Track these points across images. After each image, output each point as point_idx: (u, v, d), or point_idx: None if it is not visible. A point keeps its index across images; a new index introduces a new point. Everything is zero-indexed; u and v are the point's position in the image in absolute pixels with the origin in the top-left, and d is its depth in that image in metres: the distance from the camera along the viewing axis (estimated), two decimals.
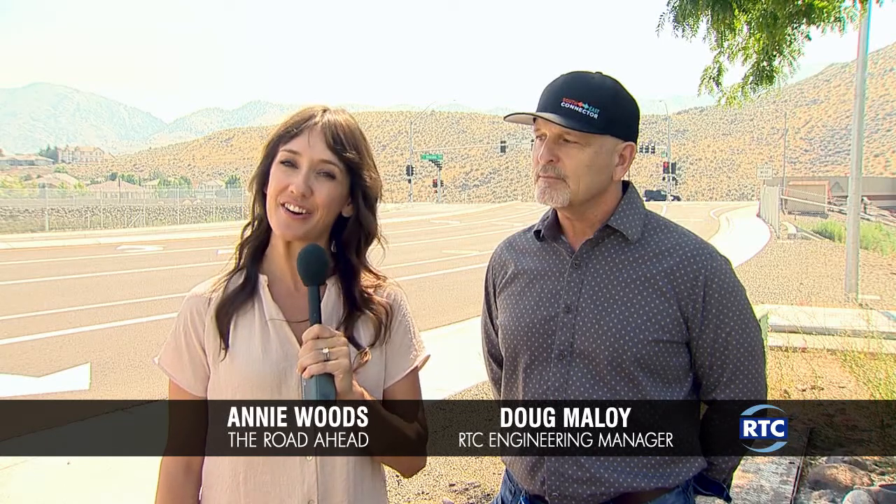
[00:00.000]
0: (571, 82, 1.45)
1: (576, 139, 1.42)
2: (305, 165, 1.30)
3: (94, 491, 3.84)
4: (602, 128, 1.42)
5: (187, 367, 1.36)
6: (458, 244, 21.29)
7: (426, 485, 3.93)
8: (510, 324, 1.55)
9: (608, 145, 1.45)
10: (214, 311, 1.34)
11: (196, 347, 1.35)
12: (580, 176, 1.43)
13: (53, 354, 7.29)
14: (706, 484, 1.53)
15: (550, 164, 1.44)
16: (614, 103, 1.44)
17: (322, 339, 1.21)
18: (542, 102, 1.46)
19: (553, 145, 1.44)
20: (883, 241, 20.85)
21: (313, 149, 1.31)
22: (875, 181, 55.81)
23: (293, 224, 1.30)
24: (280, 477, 1.30)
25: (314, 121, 1.32)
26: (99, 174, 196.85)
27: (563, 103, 1.42)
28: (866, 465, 4.01)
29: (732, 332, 1.45)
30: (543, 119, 1.43)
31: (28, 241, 22.65)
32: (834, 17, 5.12)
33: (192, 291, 1.40)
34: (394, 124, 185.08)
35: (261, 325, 1.33)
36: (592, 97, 1.42)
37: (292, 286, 1.37)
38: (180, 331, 1.37)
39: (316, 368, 1.19)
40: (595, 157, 1.44)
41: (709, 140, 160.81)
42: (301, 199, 1.29)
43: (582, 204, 1.47)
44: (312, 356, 1.19)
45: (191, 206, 44.23)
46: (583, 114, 1.41)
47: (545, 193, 1.46)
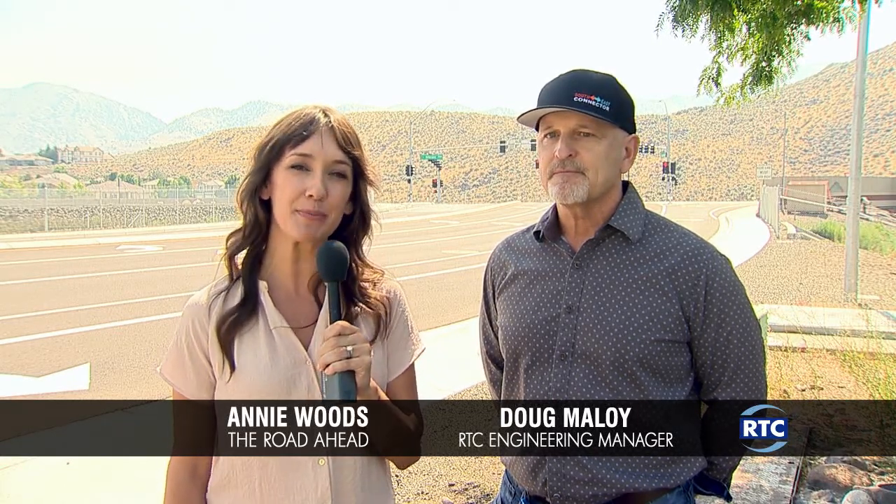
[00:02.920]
0: (579, 78, 1.47)
1: (592, 132, 1.44)
2: (320, 167, 1.29)
3: (94, 491, 3.84)
4: (614, 119, 1.44)
5: (191, 376, 1.34)
6: (457, 244, 21.27)
7: (426, 485, 3.93)
8: (511, 325, 1.55)
9: (619, 137, 1.48)
10: (216, 327, 1.32)
11: (200, 358, 1.34)
12: (598, 168, 1.45)
13: (53, 354, 7.28)
14: (706, 483, 1.53)
15: (569, 158, 1.44)
16: (619, 97, 1.47)
17: (344, 337, 1.20)
18: (552, 100, 1.46)
19: (570, 140, 1.45)
20: (882, 241, 20.86)
21: (326, 150, 1.30)
22: (874, 181, 55.78)
23: (312, 226, 1.29)
24: (294, 482, 1.29)
25: (321, 122, 1.31)
26: (98, 174, 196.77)
27: (577, 97, 1.43)
28: (866, 465, 4.01)
29: (733, 332, 1.46)
30: (563, 112, 1.43)
31: (27, 242, 22.61)
32: (833, 17, 5.12)
33: (191, 300, 1.37)
34: (393, 124, 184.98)
35: (266, 334, 1.32)
36: (602, 90, 1.44)
37: (293, 290, 1.36)
38: (182, 341, 1.35)
39: (340, 366, 1.18)
40: (610, 149, 1.46)
41: (708, 140, 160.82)
42: (319, 202, 1.28)
43: (596, 199, 1.48)
44: (336, 353, 1.18)
45: (190, 206, 44.22)
46: (597, 106, 1.43)
47: (564, 189, 1.45)
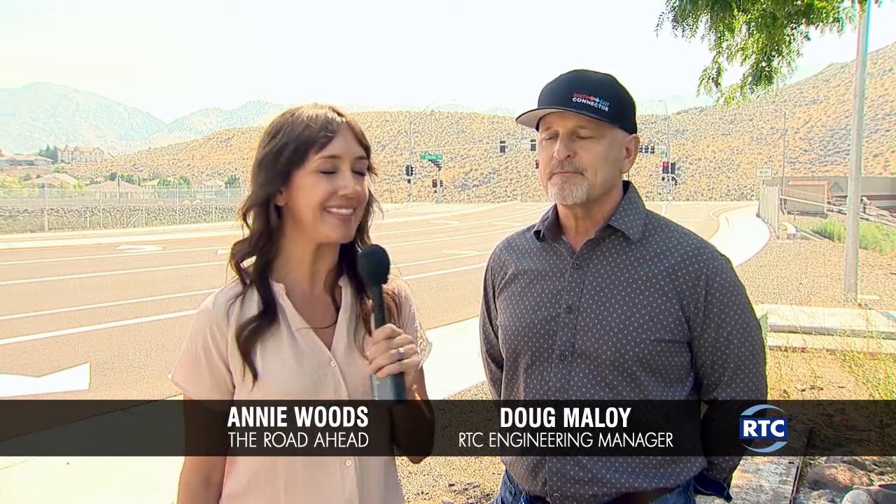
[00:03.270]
0: (579, 78, 1.47)
1: (591, 132, 1.44)
2: (347, 166, 1.28)
3: (94, 491, 3.84)
4: (613, 120, 1.44)
5: (206, 381, 1.31)
6: (457, 244, 21.28)
7: (426, 485, 3.93)
8: (511, 324, 1.55)
9: (619, 137, 1.47)
10: (235, 334, 1.29)
11: (218, 364, 1.30)
12: (597, 168, 1.44)
13: (53, 354, 7.28)
14: (706, 483, 1.53)
15: (568, 159, 1.44)
16: (619, 97, 1.46)
17: (393, 339, 1.20)
18: (551, 100, 1.46)
19: (569, 140, 1.45)
20: (882, 241, 20.86)
21: (350, 148, 1.29)
22: (874, 181, 55.77)
23: (346, 225, 1.28)
24: (322, 486, 1.28)
25: (339, 121, 1.30)
26: (98, 174, 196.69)
27: (575, 98, 1.43)
28: (865, 465, 4.01)
29: (734, 332, 1.46)
30: (562, 113, 1.43)
31: (27, 242, 22.61)
32: (833, 17, 5.12)
33: (205, 305, 1.33)
34: (393, 124, 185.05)
35: (289, 337, 1.30)
36: (601, 91, 1.44)
37: (309, 292, 1.34)
38: (199, 347, 1.31)
39: (395, 368, 1.19)
40: (609, 150, 1.46)
41: (708, 140, 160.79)
42: (351, 201, 1.28)
43: (596, 200, 1.48)
44: (388, 356, 1.19)
45: (190, 206, 44.21)
46: (595, 107, 1.43)
47: (563, 189, 1.45)
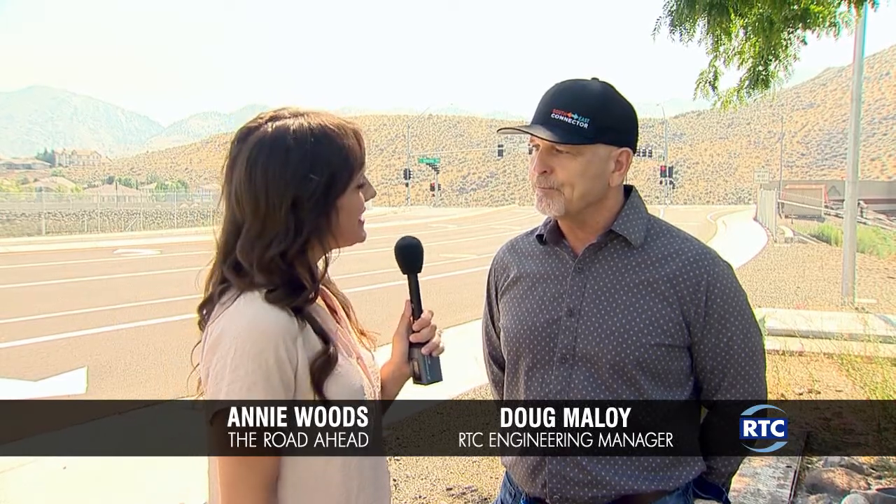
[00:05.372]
0: (561, 92, 1.45)
1: (567, 150, 1.43)
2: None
3: (91, 494, 3.83)
4: (592, 137, 1.41)
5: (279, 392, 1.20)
6: (455, 248, 21.28)
7: (423, 489, 3.92)
8: (512, 326, 1.56)
9: (601, 153, 1.44)
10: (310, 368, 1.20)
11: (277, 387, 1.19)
12: (574, 185, 1.44)
13: (50, 358, 7.27)
14: (705, 487, 1.53)
15: (544, 175, 1.45)
16: (605, 111, 1.43)
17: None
18: (535, 114, 1.47)
19: (545, 156, 1.45)
20: (879, 245, 20.92)
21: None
22: (872, 185, 55.88)
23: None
24: (383, 486, 1.34)
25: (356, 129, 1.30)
26: (96, 178, 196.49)
27: (553, 114, 1.42)
28: (863, 469, 4.02)
29: (734, 337, 1.46)
30: (531, 134, 1.44)
31: (25, 245, 22.58)
32: (829, 21, 5.13)
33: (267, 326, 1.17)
34: (391, 128, 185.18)
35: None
36: (582, 107, 1.41)
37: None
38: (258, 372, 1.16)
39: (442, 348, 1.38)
40: (587, 166, 1.43)
41: (706, 144, 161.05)
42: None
43: (579, 212, 1.47)
44: (439, 338, 1.36)
45: (188, 209, 44.15)
46: (572, 124, 1.41)
47: (542, 202, 1.47)
